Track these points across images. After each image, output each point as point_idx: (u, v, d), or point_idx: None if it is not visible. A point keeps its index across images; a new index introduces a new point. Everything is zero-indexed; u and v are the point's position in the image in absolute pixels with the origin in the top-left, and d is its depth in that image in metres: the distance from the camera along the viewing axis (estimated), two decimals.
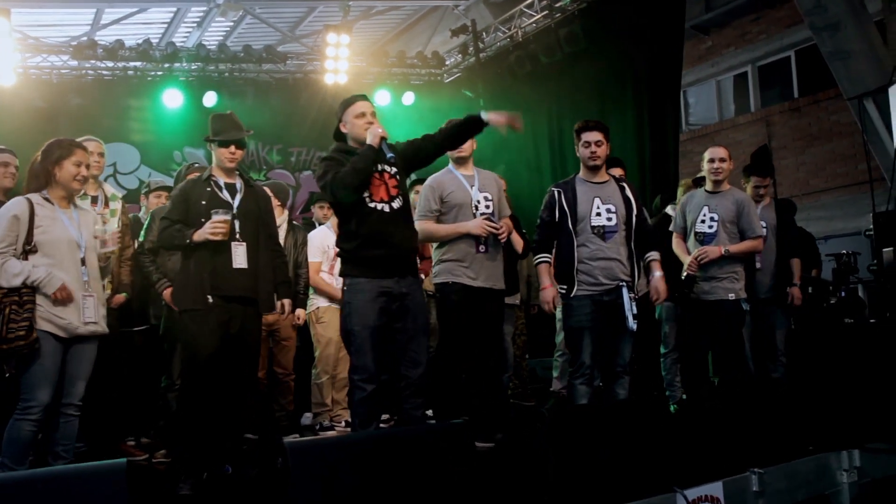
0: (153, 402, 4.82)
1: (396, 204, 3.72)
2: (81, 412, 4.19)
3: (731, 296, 4.59)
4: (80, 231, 3.49)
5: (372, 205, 3.66)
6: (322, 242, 5.23)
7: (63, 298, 3.30)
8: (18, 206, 3.36)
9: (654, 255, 4.25)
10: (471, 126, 3.79)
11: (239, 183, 3.91)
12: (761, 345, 5.04)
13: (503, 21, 8.58)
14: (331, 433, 5.04)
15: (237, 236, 3.75)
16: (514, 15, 8.36)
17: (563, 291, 4.16)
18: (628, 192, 4.22)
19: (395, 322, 3.69)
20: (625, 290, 4.06)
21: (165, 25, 9.44)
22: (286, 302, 4.04)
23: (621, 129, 7.08)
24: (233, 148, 3.84)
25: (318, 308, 5.26)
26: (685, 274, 4.65)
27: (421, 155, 3.83)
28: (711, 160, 4.76)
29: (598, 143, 4.13)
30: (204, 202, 3.75)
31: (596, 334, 4.09)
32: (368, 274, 3.63)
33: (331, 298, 5.17)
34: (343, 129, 3.82)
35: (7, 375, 3.31)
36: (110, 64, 7.81)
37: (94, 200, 4.41)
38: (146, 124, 7.99)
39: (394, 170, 3.76)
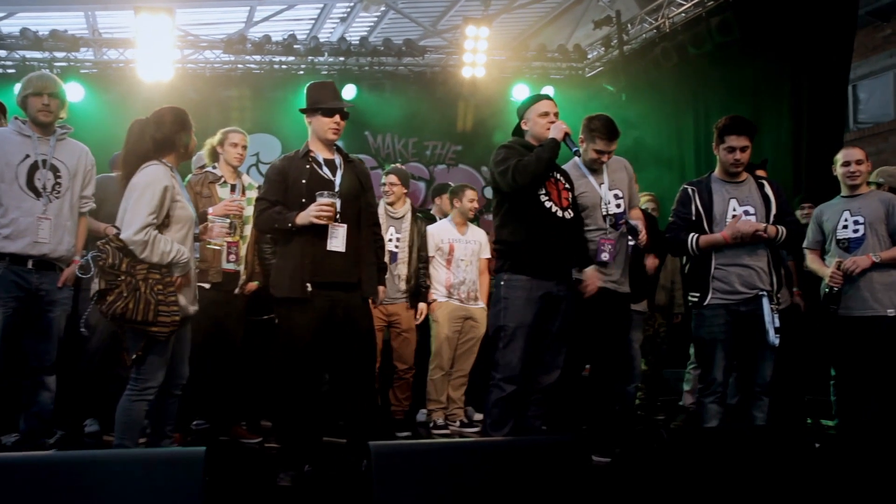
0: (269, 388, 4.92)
1: (569, 214, 3.71)
2: (211, 392, 4.34)
3: (891, 311, 4.03)
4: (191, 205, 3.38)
5: (548, 204, 3.64)
6: (437, 238, 5.13)
7: (181, 285, 3.21)
8: (166, 175, 3.17)
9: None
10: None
11: (338, 158, 3.64)
12: None
13: (650, 11, 8.11)
14: (444, 432, 4.96)
15: (337, 217, 3.47)
16: (661, 4, 7.88)
17: (696, 299, 3.82)
18: (767, 190, 3.84)
19: (545, 324, 3.61)
20: (765, 301, 3.67)
21: (313, 21, 9.77)
22: (380, 289, 3.90)
23: (776, 127, 6.48)
24: (338, 118, 3.57)
25: (434, 302, 5.17)
26: (828, 288, 4.13)
27: None
28: (846, 163, 4.23)
29: (743, 150, 3.76)
30: (304, 181, 3.50)
31: (729, 348, 3.74)
32: (530, 272, 3.57)
33: (448, 294, 5.08)
34: (524, 127, 3.81)
35: (134, 357, 3.17)
36: (258, 58, 8.12)
37: (233, 188, 4.56)
38: (289, 116, 8.24)
39: (567, 183, 3.79)
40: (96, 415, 4.47)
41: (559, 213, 3.66)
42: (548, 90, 9.07)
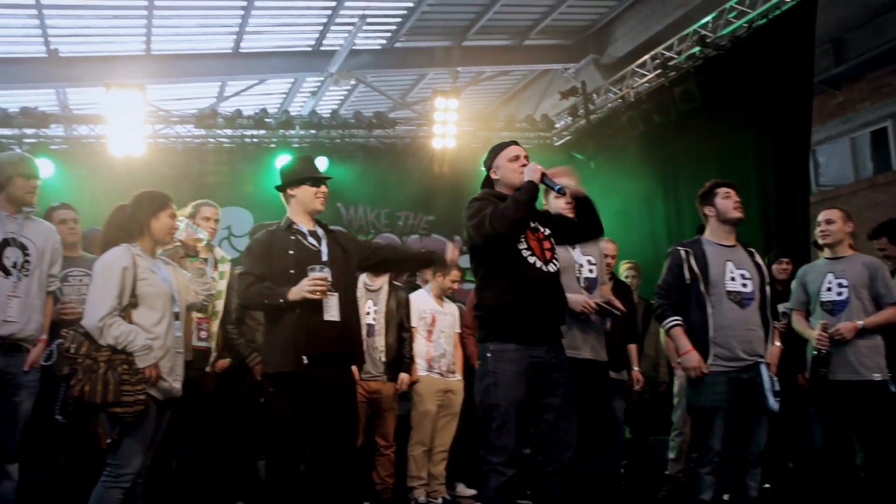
0: (244, 470, 4.74)
1: (552, 268, 3.34)
2: (179, 477, 4.18)
3: (877, 375, 3.98)
4: (173, 284, 3.36)
5: (531, 259, 3.28)
6: (419, 307, 5.08)
7: (150, 378, 3.14)
8: (125, 256, 3.18)
9: (776, 323, 3.84)
10: (579, 209, 3.44)
11: (319, 230, 3.61)
12: None
13: (614, 82, 8.35)
14: None
15: (330, 288, 3.41)
16: (625, 75, 8.11)
17: None
18: (758, 259, 3.84)
19: (543, 398, 3.25)
20: (763, 368, 3.61)
21: (284, 95, 9.91)
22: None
23: (744, 192, 6.46)
24: (324, 187, 3.60)
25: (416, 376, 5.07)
26: (815, 351, 4.10)
27: (564, 228, 3.50)
28: (818, 222, 4.28)
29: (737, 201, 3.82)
30: (291, 252, 3.45)
31: (730, 416, 3.60)
32: (517, 339, 3.21)
33: (429, 367, 5.00)
34: (494, 176, 3.49)
35: (109, 441, 3.13)
36: (229, 132, 8.13)
37: (205, 263, 4.47)
38: (261, 189, 8.21)
39: (548, 232, 3.41)
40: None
41: (543, 268, 3.29)
42: None
